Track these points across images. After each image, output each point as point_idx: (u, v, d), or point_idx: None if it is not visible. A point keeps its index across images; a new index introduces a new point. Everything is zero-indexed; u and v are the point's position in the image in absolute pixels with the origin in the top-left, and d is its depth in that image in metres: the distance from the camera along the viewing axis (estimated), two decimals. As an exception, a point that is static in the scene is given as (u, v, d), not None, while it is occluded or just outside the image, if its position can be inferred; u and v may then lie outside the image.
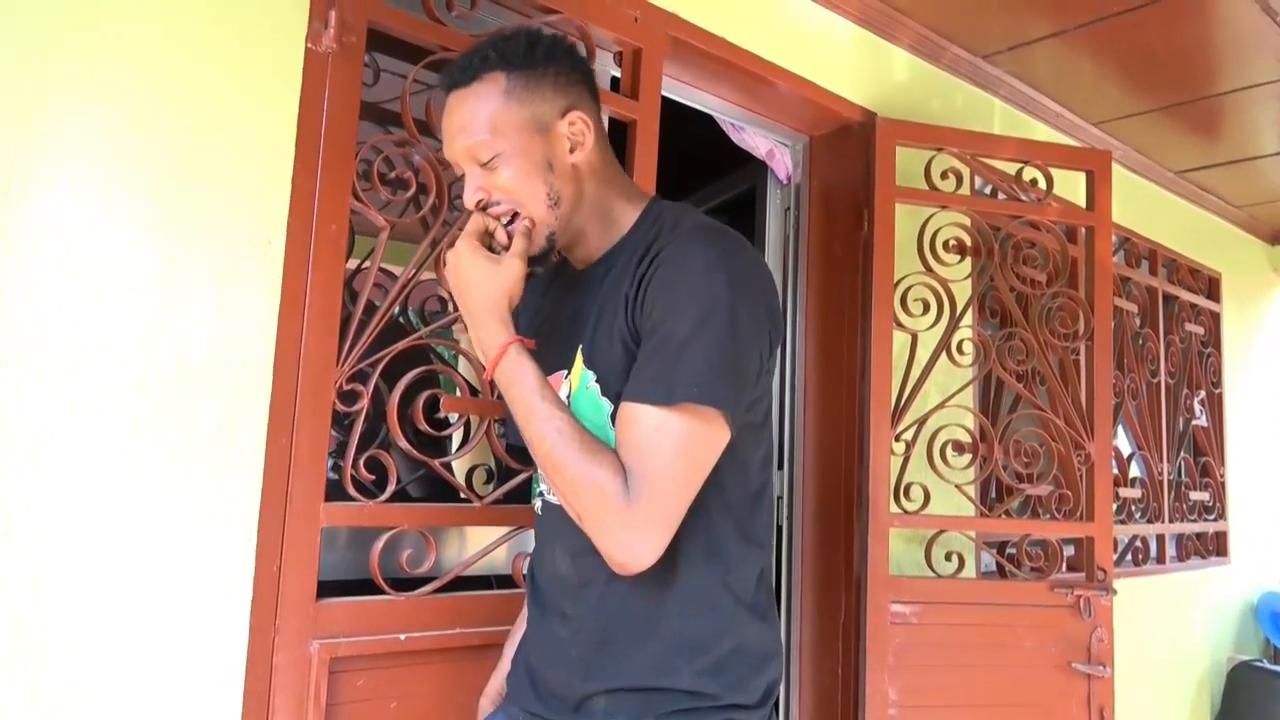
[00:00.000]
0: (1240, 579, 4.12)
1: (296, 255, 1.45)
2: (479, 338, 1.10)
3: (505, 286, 1.09)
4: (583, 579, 1.12)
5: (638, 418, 1.00)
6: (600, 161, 1.17)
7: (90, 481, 1.25)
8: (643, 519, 0.97)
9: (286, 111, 1.45)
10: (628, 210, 1.18)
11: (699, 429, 1.00)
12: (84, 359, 1.25)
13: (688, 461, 1.00)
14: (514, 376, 1.06)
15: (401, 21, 1.60)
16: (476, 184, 1.11)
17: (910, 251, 2.39)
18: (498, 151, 1.08)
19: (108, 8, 1.29)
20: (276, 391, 1.41)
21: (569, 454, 1.00)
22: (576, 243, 1.18)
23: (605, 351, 1.08)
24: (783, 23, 2.28)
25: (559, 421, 1.02)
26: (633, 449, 1.00)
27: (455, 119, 1.11)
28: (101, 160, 1.28)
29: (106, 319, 1.28)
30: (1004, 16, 2.50)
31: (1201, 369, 3.93)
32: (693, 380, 0.98)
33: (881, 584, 2.26)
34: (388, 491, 1.55)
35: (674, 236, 1.06)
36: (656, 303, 1.02)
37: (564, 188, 1.12)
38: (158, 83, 1.33)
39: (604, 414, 1.07)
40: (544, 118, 1.11)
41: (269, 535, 1.40)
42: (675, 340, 0.99)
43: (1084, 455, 2.45)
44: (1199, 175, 3.70)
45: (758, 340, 1.05)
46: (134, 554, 1.29)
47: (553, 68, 1.12)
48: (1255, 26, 2.44)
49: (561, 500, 1.05)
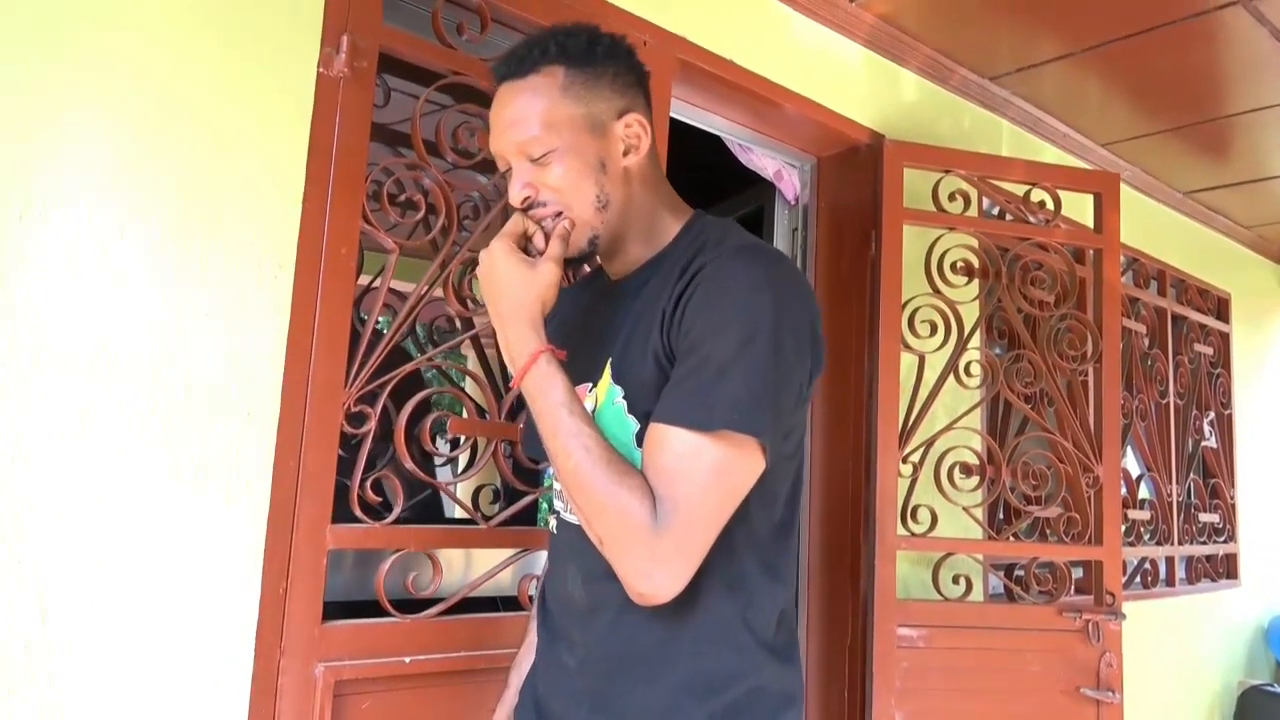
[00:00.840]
0: (1251, 602, 4.09)
1: (306, 278, 1.45)
2: (508, 343, 1.04)
3: (539, 291, 1.04)
4: (594, 605, 1.08)
5: (669, 441, 0.95)
6: (650, 169, 1.13)
7: (99, 502, 1.26)
8: (668, 549, 0.92)
9: (298, 136, 1.46)
10: (671, 223, 1.14)
11: (734, 457, 0.95)
12: (94, 380, 1.26)
13: (719, 491, 0.95)
14: (542, 387, 1.00)
15: (412, 46, 1.61)
16: (524, 180, 1.06)
17: (918, 272, 2.39)
18: (551, 148, 1.04)
19: (121, 34, 1.31)
20: (284, 413, 1.42)
21: (595, 473, 0.95)
22: (616, 251, 1.14)
23: (636, 367, 1.04)
24: (791, 45, 2.29)
25: (586, 438, 0.96)
26: (662, 474, 0.94)
27: (508, 111, 1.06)
28: (115, 183, 1.30)
29: (117, 340, 1.28)
30: (1012, 39, 2.51)
31: (1211, 390, 3.92)
32: (731, 406, 0.93)
33: (888, 607, 2.24)
34: (394, 513, 1.56)
35: (718, 254, 1.01)
36: (696, 322, 0.97)
37: (614, 191, 1.08)
38: (171, 107, 1.35)
39: (629, 432, 1.03)
40: (600, 117, 1.07)
41: (275, 557, 1.40)
42: (715, 363, 0.94)
43: (1092, 478, 2.44)
44: (1208, 196, 3.70)
45: (800, 368, 1.01)
46: (141, 575, 1.29)
47: (611, 67, 1.09)
48: (1265, 50, 2.45)
49: (582, 521, 1.00)
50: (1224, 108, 2.86)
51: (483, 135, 1.71)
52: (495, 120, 1.08)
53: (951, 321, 2.40)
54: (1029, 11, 2.36)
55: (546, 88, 1.05)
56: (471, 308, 1.76)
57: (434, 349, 1.80)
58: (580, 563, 1.09)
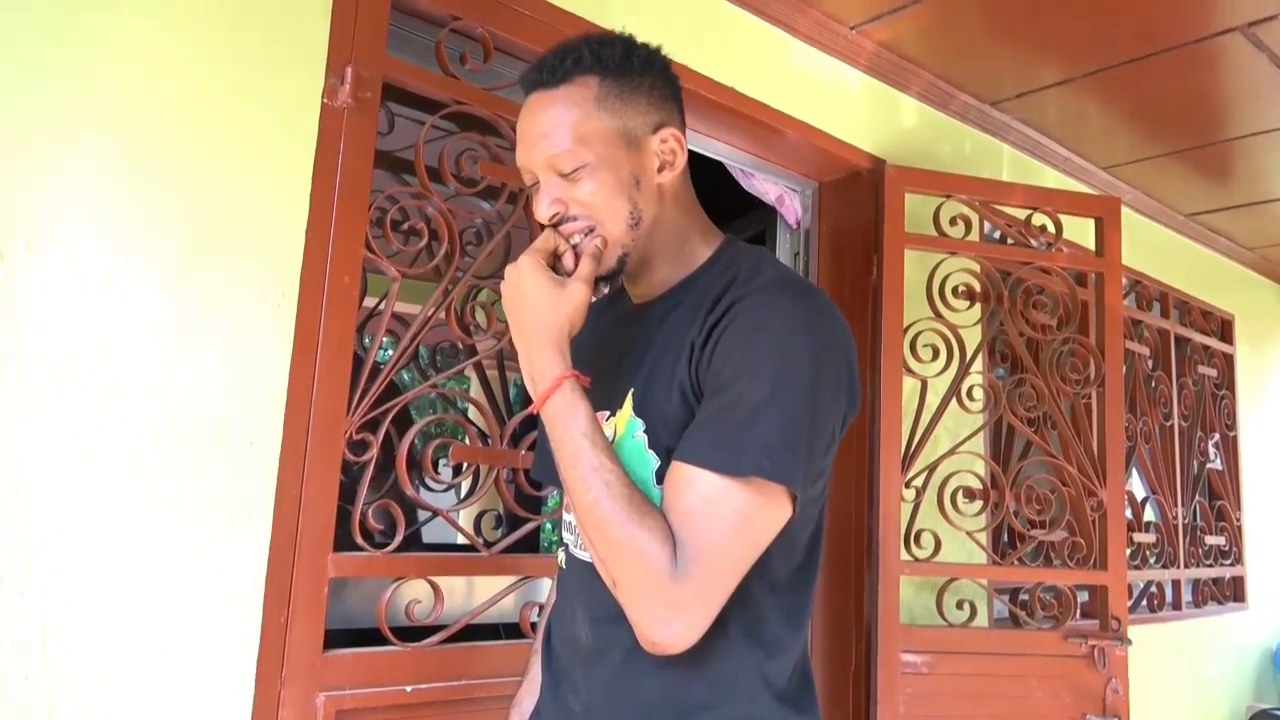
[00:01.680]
0: (1258, 625, 4.06)
1: (309, 307, 1.46)
2: (530, 365, 0.99)
3: (568, 312, 0.98)
4: (598, 648, 1.02)
5: (693, 482, 0.90)
6: (683, 188, 1.09)
7: (101, 532, 1.26)
8: (688, 597, 0.87)
9: (302, 166, 1.47)
10: (701, 246, 1.09)
11: (761, 505, 0.90)
12: (97, 411, 1.27)
13: (744, 539, 0.90)
14: (564, 414, 0.94)
15: (416, 76, 1.63)
16: (553, 195, 1.01)
17: (920, 297, 2.40)
18: (583, 163, 0.99)
19: (124, 65, 1.32)
20: (287, 442, 1.42)
21: (615, 511, 0.89)
22: (643, 272, 1.08)
23: (660, 401, 0.99)
24: (792, 73, 2.31)
25: (608, 473, 0.91)
26: (684, 517, 0.89)
27: (538, 123, 1.00)
28: (119, 214, 1.31)
29: (120, 371, 1.29)
30: (1012, 65, 2.52)
31: (1215, 411, 3.91)
32: (763, 451, 0.88)
33: (892, 633, 2.23)
34: (395, 541, 1.56)
35: (753, 287, 0.96)
36: (729, 359, 0.92)
37: (647, 209, 1.03)
38: (175, 138, 1.36)
39: (649, 468, 0.97)
40: (635, 131, 1.02)
41: (276, 586, 1.40)
42: (748, 403, 0.89)
43: (1096, 502, 2.43)
44: (1210, 218, 3.70)
45: (834, 412, 0.96)
46: (143, 605, 1.29)
47: (648, 78, 1.04)
48: (1264, 76, 2.46)
49: (596, 560, 0.94)
50: (1224, 131, 2.87)
51: (485, 163, 1.72)
52: (524, 131, 1.02)
53: (954, 346, 2.40)
54: (1029, 38, 2.37)
55: (580, 99, 1.00)
56: (474, 334, 1.77)
57: (437, 374, 1.81)
58: (588, 602, 1.04)
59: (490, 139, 1.74)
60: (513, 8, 1.75)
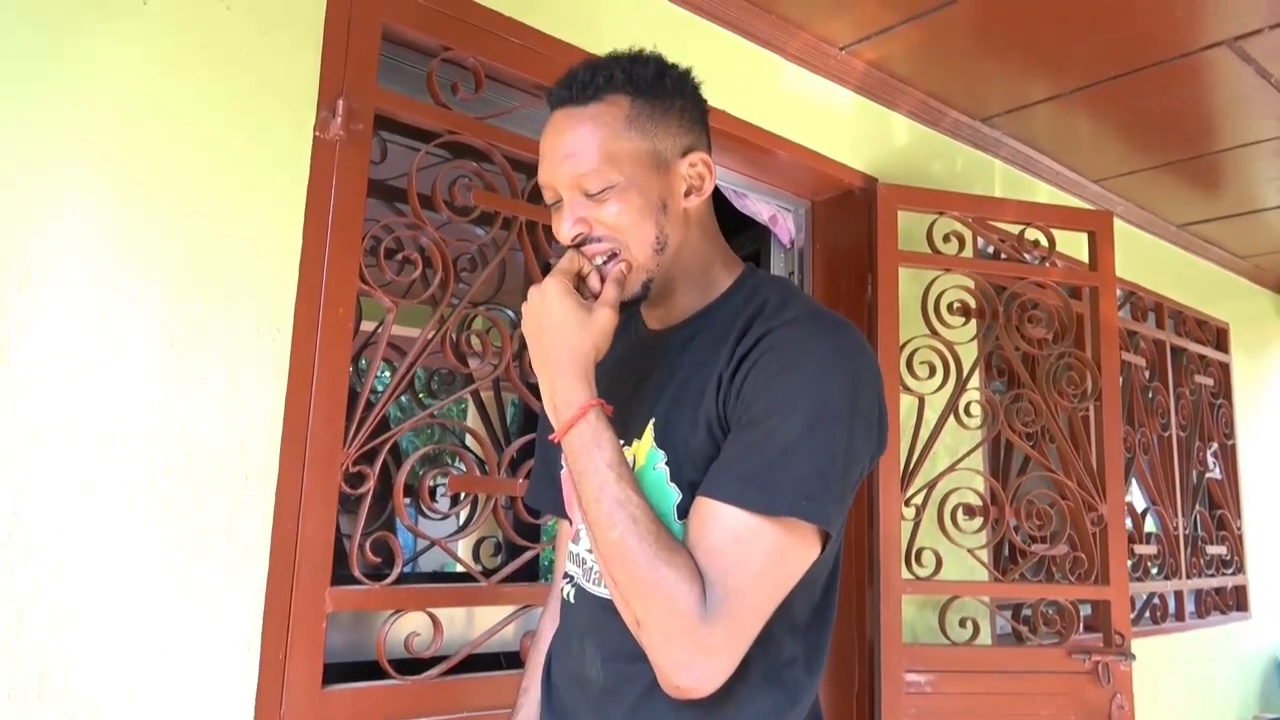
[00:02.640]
0: (1262, 633, 4.05)
1: (304, 340, 1.46)
2: (553, 392, 0.95)
3: (593, 339, 0.95)
4: (611, 687, 0.98)
5: (721, 520, 0.87)
6: (707, 214, 1.06)
7: (99, 572, 1.25)
8: (717, 640, 0.84)
9: (294, 199, 1.47)
10: (723, 273, 1.06)
11: (792, 545, 0.88)
12: (93, 449, 1.26)
13: (773, 581, 0.88)
14: (589, 445, 0.91)
15: (408, 108, 1.63)
16: (577, 215, 0.98)
17: (915, 314, 2.40)
18: (611, 183, 0.96)
19: (117, 100, 1.32)
20: (283, 477, 1.41)
21: (641, 549, 0.85)
22: (664, 297, 1.05)
23: (684, 433, 0.96)
24: (782, 94, 2.32)
25: (634, 508, 0.87)
26: (713, 556, 0.86)
27: (565, 141, 0.98)
28: (113, 251, 1.30)
29: (116, 409, 1.28)
30: (1001, 82, 2.54)
31: (1213, 421, 3.91)
32: (798, 491, 0.86)
33: (895, 653, 2.22)
34: (394, 574, 1.55)
35: (784, 319, 0.94)
36: (761, 393, 0.89)
37: (673, 233, 1.00)
38: (167, 173, 1.36)
39: (670, 502, 0.95)
40: (665, 154, 0.99)
41: (274, 623, 1.39)
42: (781, 440, 0.87)
43: (1097, 517, 2.42)
44: (1202, 228, 3.72)
45: (866, 450, 0.94)
46: (141, 644, 1.28)
47: (680, 100, 1.01)
48: (1251, 88, 2.47)
49: (617, 599, 0.89)
50: (1214, 143, 2.89)
51: (478, 191, 1.72)
52: (550, 149, 0.99)
53: (950, 362, 2.40)
54: (1017, 55, 2.39)
55: (609, 118, 0.97)
56: (471, 364, 1.76)
57: (434, 400, 1.81)
58: (600, 640, 1.00)
59: (484, 167, 1.75)
60: (504, 37, 1.76)
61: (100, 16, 1.31)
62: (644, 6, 2.03)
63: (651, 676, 0.88)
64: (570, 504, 1.11)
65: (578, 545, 1.08)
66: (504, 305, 2.20)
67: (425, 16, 1.65)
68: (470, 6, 1.71)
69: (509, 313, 2.21)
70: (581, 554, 1.07)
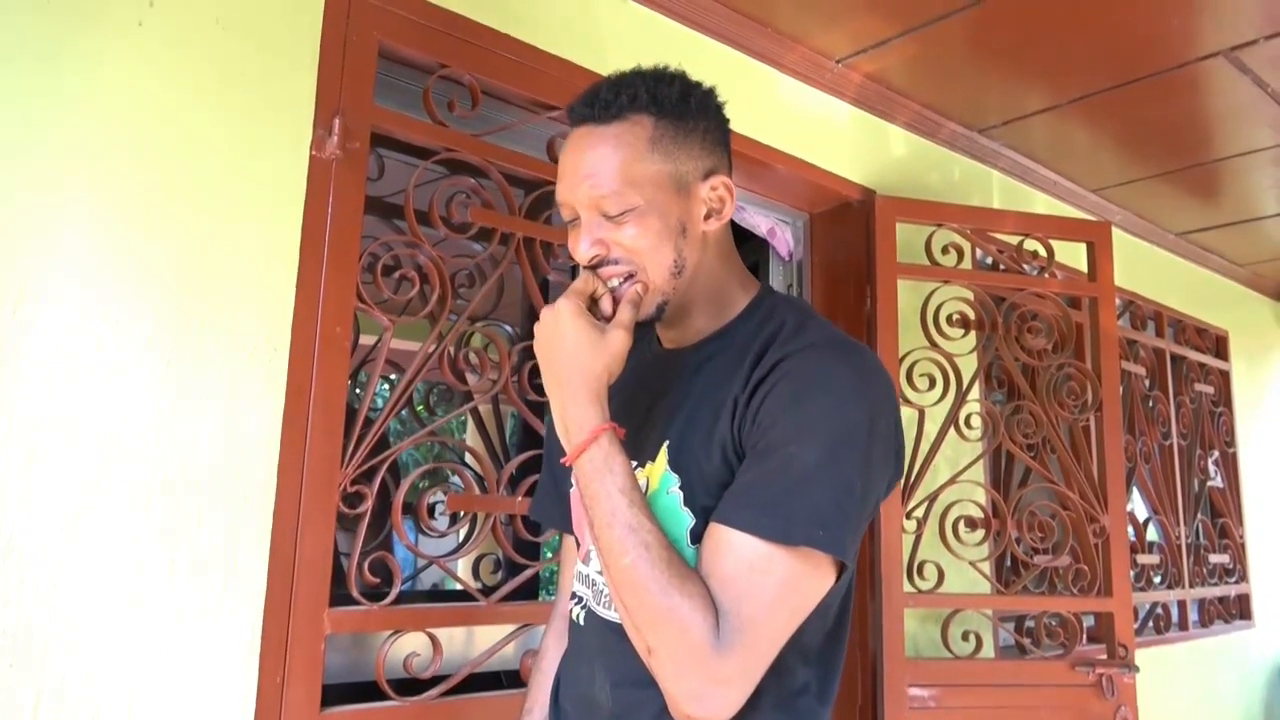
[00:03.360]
0: (1266, 642, 4.03)
1: (301, 359, 1.45)
2: (565, 414, 0.94)
3: (606, 361, 0.94)
4: (620, 713, 0.97)
5: (736, 548, 0.86)
6: (724, 236, 1.05)
7: (95, 598, 1.24)
8: (731, 671, 0.83)
9: (291, 218, 1.47)
10: (739, 295, 1.05)
11: (807, 575, 0.87)
12: (90, 473, 1.25)
13: (787, 610, 0.87)
14: (600, 469, 0.90)
15: (404, 125, 1.63)
16: (595, 236, 0.97)
17: (914, 326, 2.40)
18: (631, 206, 0.95)
19: (112, 123, 1.32)
20: (280, 498, 1.41)
21: (654, 577, 0.84)
22: (679, 319, 1.04)
23: (698, 458, 0.95)
24: (780, 107, 2.32)
25: (647, 534, 0.86)
26: (727, 584, 0.85)
27: (586, 161, 0.96)
28: (108, 273, 1.30)
29: (112, 431, 1.28)
30: (998, 93, 2.54)
31: (1214, 429, 3.90)
32: (815, 520, 0.85)
33: (898, 667, 2.21)
34: (393, 594, 1.54)
35: (802, 345, 0.93)
36: (779, 420, 0.88)
37: (690, 256, 0.99)
38: (163, 196, 1.36)
39: (683, 527, 0.93)
40: (686, 177, 0.98)
41: (272, 646, 1.38)
42: (798, 468, 0.86)
43: (1099, 528, 2.41)
44: (1201, 236, 3.71)
45: (882, 479, 0.93)
46: (138, 668, 1.27)
47: (703, 122, 1.00)
48: (1249, 98, 2.47)
49: (629, 625, 0.88)
50: (1211, 153, 2.89)
51: (476, 209, 1.72)
52: (570, 167, 0.98)
53: (950, 374, 2.40)
54: (1014, 66, 2.39)
55: (632, 138, 0.95)
56: (470, 380, 1.76)
57: (432, 416, 1.80)
58: (610, 665, 0.99)
59: (480, 184, 1.74)
60: (500, 53, 1.75)
61: (95, 36, 1.31)
62: (641, 22, 2.04)
63: (661, 703, 0.87)
64: (579, 523, 1.10)
65: (587, 566, 1.07)
66: (502, 321, 2.20)
67: (421, 34, 1.65)
68: (466, 23, 1.71)
69: (507, 328, 2.20)
70: (591, 575, 1.05)
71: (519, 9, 1.80)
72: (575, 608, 1.09)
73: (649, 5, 2.03)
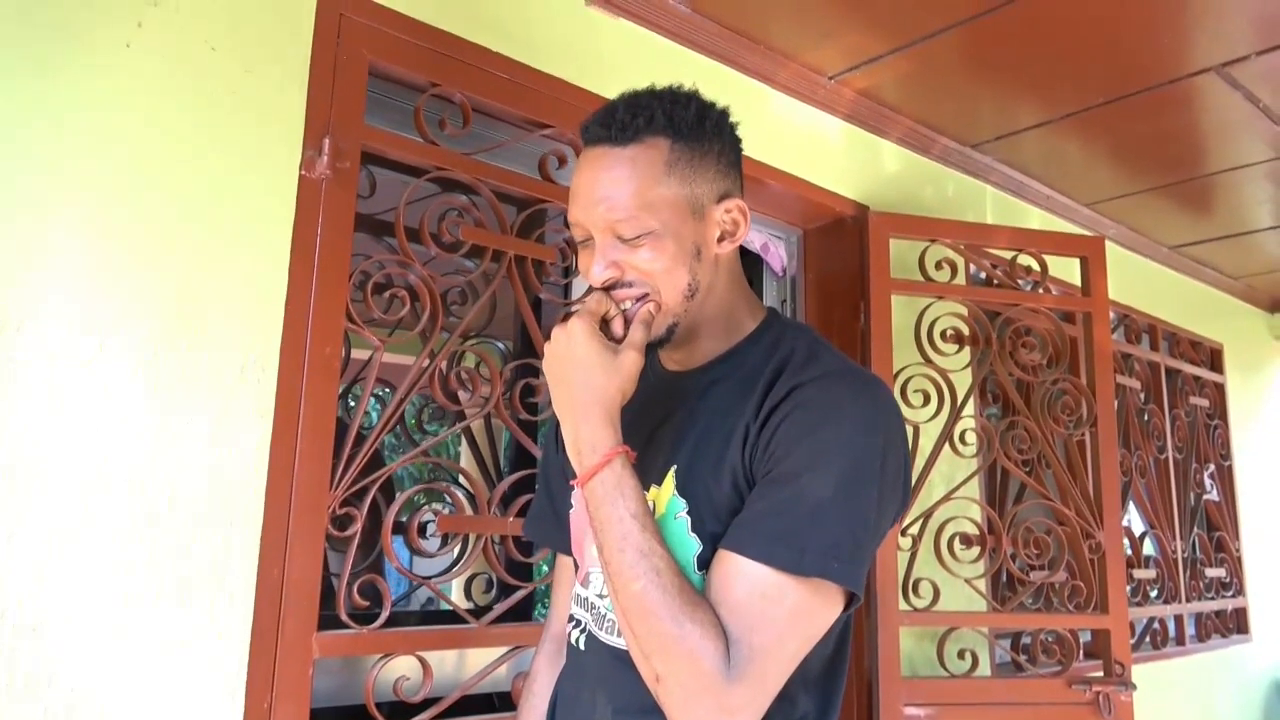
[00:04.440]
0: (1264, 656, 4.02)
1: (290, 381, 1.44)
2: (577, 436, 0.93)
3: (619, 382, 0.93)
4: None
5: (747, 576, 0.85)
6: (734, 259, 1.04)
7: (81, 624, 1.22)
8: (740, 700, 0.82)
9: (280, 239, 1.46)
10: (746, 319, 1.05)
11: (817, 605, 0.86)
12: (75, 499, 1.23)
13: (797, 640, 0.86)
14: (612, 492, 0.89)
15: (395, 144, 1.62)
16: (610, 258, 0.96)
17: (908, 341, 2.39)
18: (647, 230, 0.94)
19: (101, 142, 1.31)
20: (268, 521, 1.39)
21: (665, 604, 0.83)
22: (687, 341, 1.03)
23: (707, 483, 0.94)
24: (772, 123, 2.32)
25: (658, 559, 0.86)
26: (738, 614, 0.84)
27: (601, 183, 0.95)
28: (96, 295, 1.28)
29: (99, 456, 1.26)
30: (991, 109, 2.54)
31: (1209, 442, 3.90)
32: (829, 551, 0.85)
33: (894, 686, 2.19)
34: (382, 617, 1.52)
35: (815, 374, 0.92)
36: (793, 449, 0.88)
37: (703, 279, 0.98)
38: (151, 217, 1.34)
39: (691, 552, 0.93)
40: (701, 200, 0.97)
41: (259, 671, 1.36)
42: (812, 499, 0.86)
43: (1094, 544, 2.40)
44: (1195, 249, 3.72)
45: (892, 510, 0.93)
46: (121, 693, 1.25)
47: (718, 145, 1.00)
48: (1241, 113, 2.48)
49: (636, 652, 0.87)
50: (1204, 167, 2.89)
51: (467, 228, 1.71)
52: (584, 190, 0.97)
53: (944, 390, 2.39)
54: (1007, 81, 2.39)
55: (648, 161, 0.95)
56: (462, 397, 1.74)
57: (423, 435, 1.79)
58: (613, 691, 0.98)
59: (470, 203, 1.74)
60: (492, 71, 1.75)
61: (83, 58, 1.30)
62: (634, 39, 2.03)
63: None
64: (579, 545, 1.09)
65: (587, 589, 1.06)
66: (494, 338, 2.19)
67: (412, 53, 1.64)
68: (458, 42, 1.70)
69: (500, 345, 2.19)
70: (592, 599, 1.04)
71: (511, 27, 1.80)
72: (574, 631, 1.07)
73: (641, 23, 2.03)
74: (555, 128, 1.84)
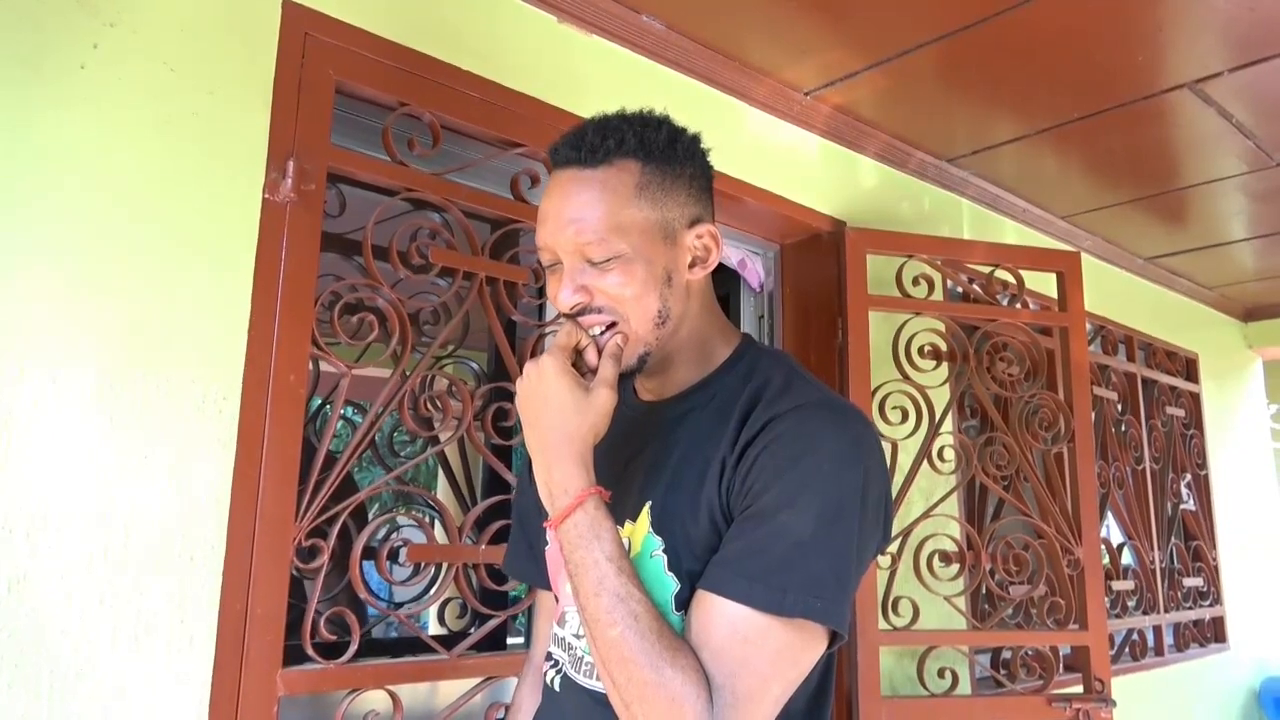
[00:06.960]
0: (1241, 665, 4.04)
1: (253, 410, 1.40)
2: (549, 477, 0.91)
3: (592, 421, 0.91)
4: None
5: (729, 618, 0.83)
6: (707, 284, 1.02)
7: (31, 667, 1.18)
8: None
9: (242, 265, 1.42)
10: (720, 346, 1.02)
11: (802, 646, 0.84)
12: (26, 540, 1.19)
13: (781, 683, 0.84)
14: (586, 535, 0.87)
15: (361, 165, 1.59)
16: (578, 283, 0.93)
17: (886, 358, 2.38)
18: (616, 253, 0.92)
19: (55, 167, 1.27)
20: (230, 556, 1.35)
21: (643, 650, 0.81)
22: (661, 370, 1.01)
23: (684, 521, 0.91)
24: (749, 140, 2.30)
25: (635, 604, 0.83)
26: (720, 657, 0.82)
27: (571, 206, 0.93)
28: (52, 321, 1.24)
29: (52, 494, 1.22)
30: (967, 124, 2.54)
31: (1185, 452, 3.91)
32: (811, 591, 0.82)
33: (875, 707, 2.17)
34: (350, 650, 1.48)
35: (791, 405, 0.90)
36: (771, 485, 0.85)
37: (675, 306, 0.96)
38: (107, 244, 1.30)
39: (668, 591, 0.90)
40: (673, 225, 0.95)
41: (221, 713, 1.31)
42: (792, 537, 0.83)
43: (1073, 560, 2.40)
44: (1169, 261, 3.74)
45: (873, 544, 0.91)
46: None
47: (689, 168, 0.98)
48: (1213, 128, 2.48)
49: (616, 700, 0.84)
50: (1178, 180, 2.90)
51: (436, 249, 1.68)
52: (553, 212, 0.94)
53: (923, 406, 2.37)
54: (982, 97, 2.38)
55: (619, 184, 0.93)
56: (436, 426, 1.71)
57: (397, 461, 1.74)
58: None
59: (440, 224, 1.70)
60: (462, 90, 1.72)
61: (35, 81, 1.26)
62: (606, 56, 2.01)
63: None
64: (556, 582, 1.06)
65: (563, 629, 1.03)
66: (468, 357, 2.16)
67: (379, 73, 1.61)
68: (427, 61, 1.67)
69: (473, 365, 2.16)
70: (568, 639, 1.01)
71: (480, 45, 1.77)
72: (550, 670, 1.05)
73: (615, 40, 2.00)
74: (528, 146, 1.81)
